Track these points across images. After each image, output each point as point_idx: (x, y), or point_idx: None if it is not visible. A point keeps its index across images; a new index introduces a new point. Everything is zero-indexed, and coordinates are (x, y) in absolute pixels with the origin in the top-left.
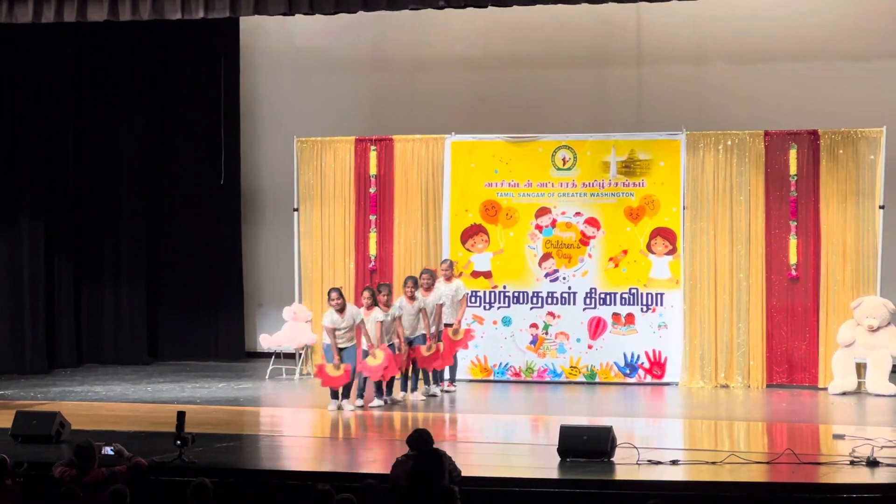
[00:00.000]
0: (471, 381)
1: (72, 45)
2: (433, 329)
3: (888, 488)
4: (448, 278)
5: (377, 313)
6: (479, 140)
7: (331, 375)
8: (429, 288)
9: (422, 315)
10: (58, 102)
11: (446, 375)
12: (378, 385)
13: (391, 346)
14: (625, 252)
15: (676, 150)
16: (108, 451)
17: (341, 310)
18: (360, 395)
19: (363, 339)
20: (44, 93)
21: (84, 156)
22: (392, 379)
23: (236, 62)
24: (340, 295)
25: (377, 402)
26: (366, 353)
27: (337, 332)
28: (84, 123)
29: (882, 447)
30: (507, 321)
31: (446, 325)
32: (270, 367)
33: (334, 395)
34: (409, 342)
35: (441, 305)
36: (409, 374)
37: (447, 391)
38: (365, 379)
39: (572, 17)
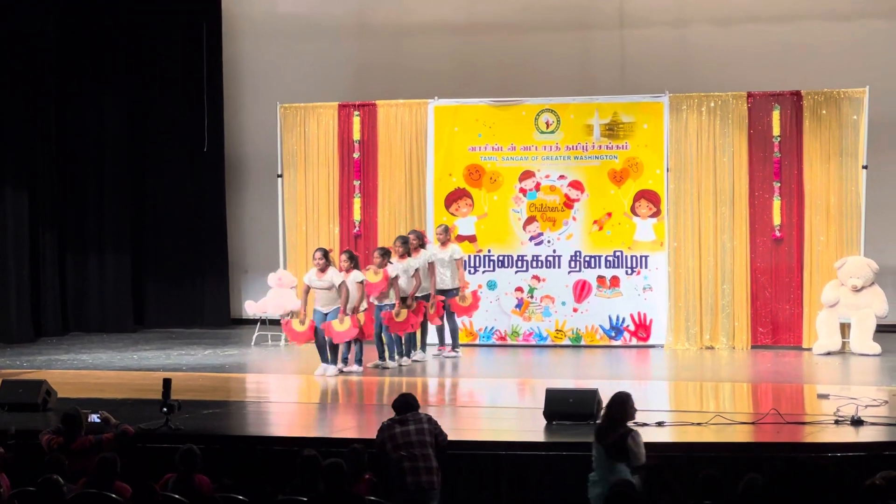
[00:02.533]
0: None
1: (54, 15)
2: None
3: (872, 447)
4: (444, 243)
5: (355, 275)
6: (463, 104)
7: (295, 330)
8: (416, 249)
9: (414, 276)
10: (40, 72)
11: (447, 340)
12: (359, 351)
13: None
14: (609, 215)
15: (660, 113)
16: (94, 418)
17: (322, 270)
18: (343, 361)
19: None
20: (26, 63)
21: (67, 125)
22: (383, 343)
23: (218, 29)
24: (324, 255)
25: (356, 367)
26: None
27: (317, 293)
28: (67, 92)
29: (866, 406)
30: (492, 285)
31: (446, 291)
32: (256, 334)
33: (324, 359)
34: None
35: (433, 264)
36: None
37: (451, 356)
38: (349, 344)
39: None
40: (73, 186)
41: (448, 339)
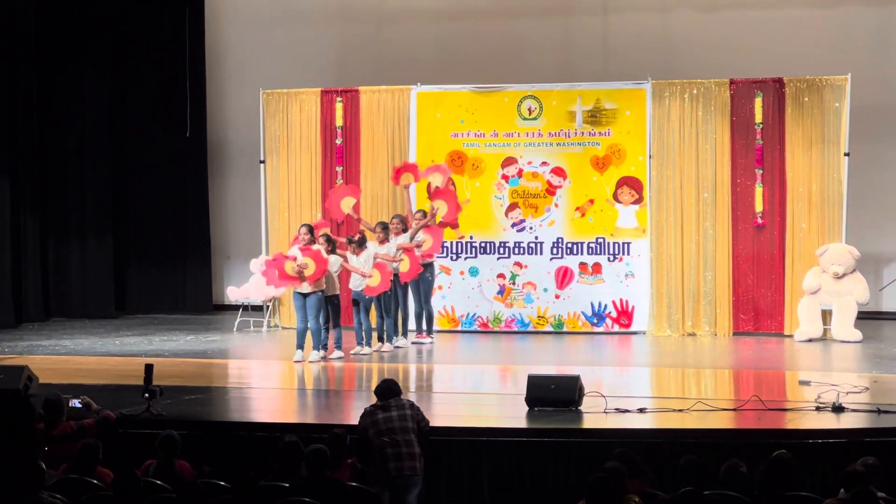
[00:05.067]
0: (438, 331)
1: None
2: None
3: (853, 433)
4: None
5: (334, 259)
6: (445, 90)
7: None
8: (398, 233)
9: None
10: (22, 57)
11: (423, 327)
12: (338, 338)
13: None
14: (591, 201)
15: (642, 99)
16: (75, 403)
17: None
18: (323, 347)
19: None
20: (7, 47)
21: (49, 110)
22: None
23: (201, 14)
24: (309, 231)
25: (337, 353)
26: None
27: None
28: (49, 77)
29: (847, 393)
30: (474, 272)
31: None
32: (238, 320)
33: (300, 345)
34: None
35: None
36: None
37: (421, 342)
38: (327, 330)
39: None
40: (55, 171)
41: (425, 326)
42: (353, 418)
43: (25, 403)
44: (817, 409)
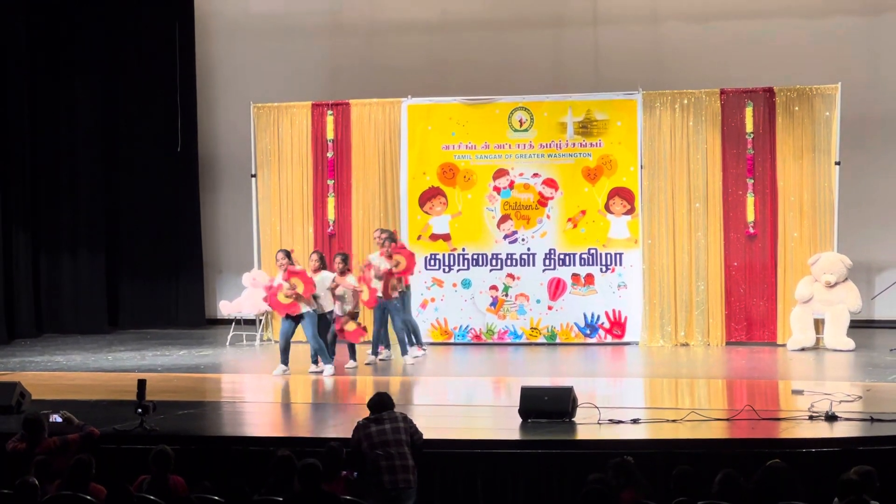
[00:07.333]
0: (431, 343)
1: (26, 14)
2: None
3: (846, 442)
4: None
5: (325, 275)
6: (436, 103)
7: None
8: (382, 245)
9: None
10: (13, 71)
11: (413, 341)
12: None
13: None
14: (583, 212)
15: (633, 110)
16: (56, 418)
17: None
18: (318, 361)
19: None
20: None
21: (40, 124)
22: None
23: (191, 28)
24: (286, 256)
25: (315, 367)
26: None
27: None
28: (40, 92)
29: (840, 402)
30: (466, 284)
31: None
32: (231, 334)
33: (284, 361)
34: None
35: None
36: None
37: (415, 355)
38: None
39: None
40: (47, 186)
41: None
42: (346, 432)
43: None
44: (811, 418)
